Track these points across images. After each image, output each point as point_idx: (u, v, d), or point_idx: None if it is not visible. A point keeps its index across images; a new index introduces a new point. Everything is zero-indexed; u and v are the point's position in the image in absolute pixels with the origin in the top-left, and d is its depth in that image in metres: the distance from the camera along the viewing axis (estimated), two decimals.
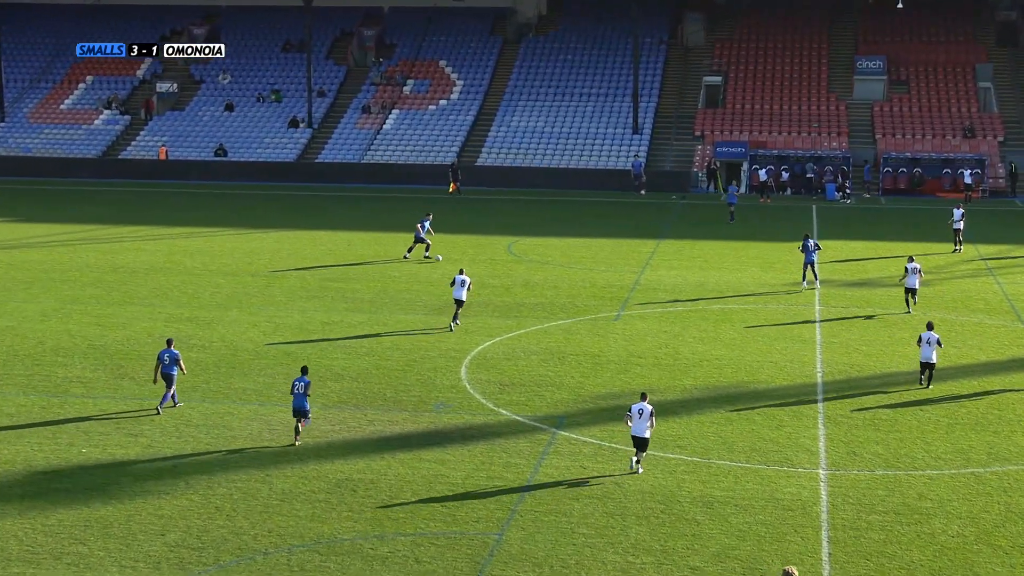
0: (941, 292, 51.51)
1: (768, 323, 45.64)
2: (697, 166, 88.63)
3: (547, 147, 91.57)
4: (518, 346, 41.98)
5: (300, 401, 31.84)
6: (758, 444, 32.11)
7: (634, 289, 51.80)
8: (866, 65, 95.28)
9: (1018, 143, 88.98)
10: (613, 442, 32.10)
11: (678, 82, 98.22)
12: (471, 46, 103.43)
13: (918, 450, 31.75)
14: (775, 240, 64.67)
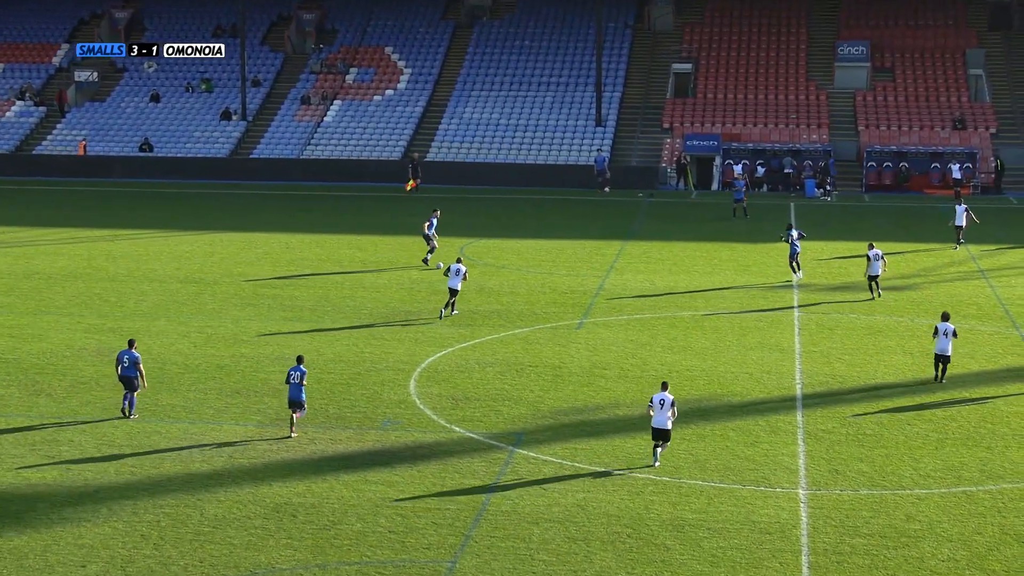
0: (930, 296, 51.90)
1: (743, 331, 45.84)
2: (665, 161, 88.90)
3: (503, 141, 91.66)
4: (472, 357, 42.01)
5: (296, 392, 33.59)
6: (733, 462, 32.25)
7: (598, 295, 51.93)
8: (848, 51, 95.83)
9: (1012, 135, 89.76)
10: (575, 461, 32.17)
11: (645, 70, 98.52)
12: (420, 31, 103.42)
13: (905, 467, 31.97)
14: (750, 241, 64.98)
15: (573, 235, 66.45)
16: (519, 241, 64.46)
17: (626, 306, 49.90)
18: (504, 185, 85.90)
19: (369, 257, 59.94)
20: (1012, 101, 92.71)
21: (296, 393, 33.65)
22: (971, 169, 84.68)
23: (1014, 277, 55.99)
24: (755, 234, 67.13)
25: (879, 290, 51.18)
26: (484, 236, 66.32)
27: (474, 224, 70.79)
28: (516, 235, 66.35)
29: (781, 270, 56.95)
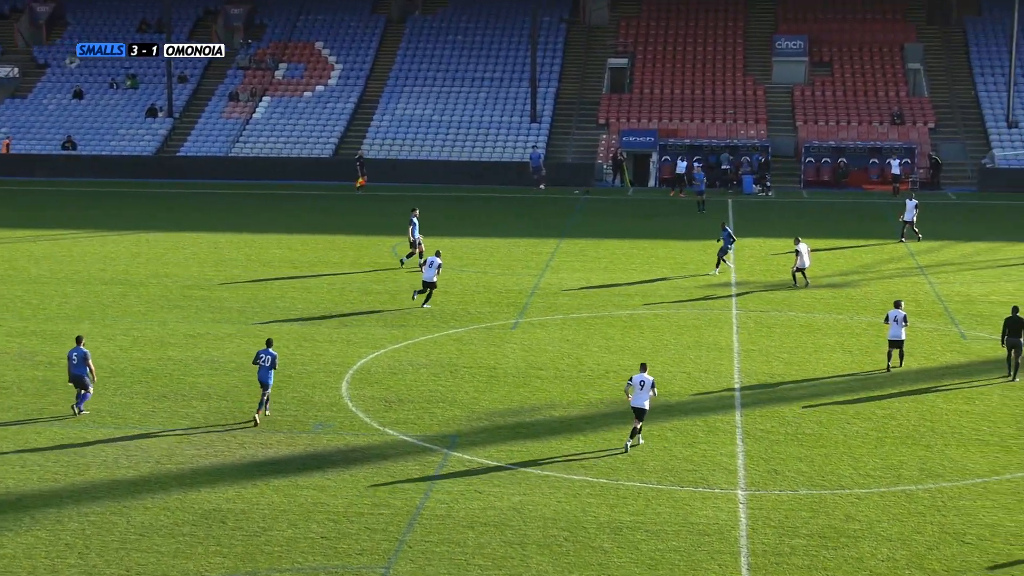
0: (869, 293, 52.31)
1: (681, 330, 46.03)
2: (602, 157, 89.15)
3: (436, 137, 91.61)
4: (405, 358, 41.95)
5: (264, 374, 35.00)
6: (671, 463, 32.38)
7: (533, 294, 51.98)
8: (786, 45, 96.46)
9: (950, 130, 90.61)
10: (511, 463, 32.19)
11: (580, 65, 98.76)
12: (351, 26, 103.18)
13: (845, 467, 32.21)
14: (688, 238, 65.26)
15: (508, 233, 66.49)
16: (453, 240, 64.39)
17: (562, 305, 49.99)
18: (438, 182, 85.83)
19: (299, 257, 59.74)
20: (950, 96, 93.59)
21: (265, 376, 35.01)
22: (910, 164, 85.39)
23: (952, 273, 56.52)
24: (692, 231, 67.41)
25: (807, 280, 53.09)
26: None
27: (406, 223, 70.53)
28: (449, 234, 66.27)
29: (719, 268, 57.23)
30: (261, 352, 35.46)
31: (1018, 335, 39.81)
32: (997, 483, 31.11)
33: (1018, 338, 39.82)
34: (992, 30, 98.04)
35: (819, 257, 59.36)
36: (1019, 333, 39.79)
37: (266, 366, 35.17)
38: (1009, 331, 39.90)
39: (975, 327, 46.60)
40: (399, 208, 75.99)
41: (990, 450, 33.46)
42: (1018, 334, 39.81)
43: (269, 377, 35.19)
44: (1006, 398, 37.91)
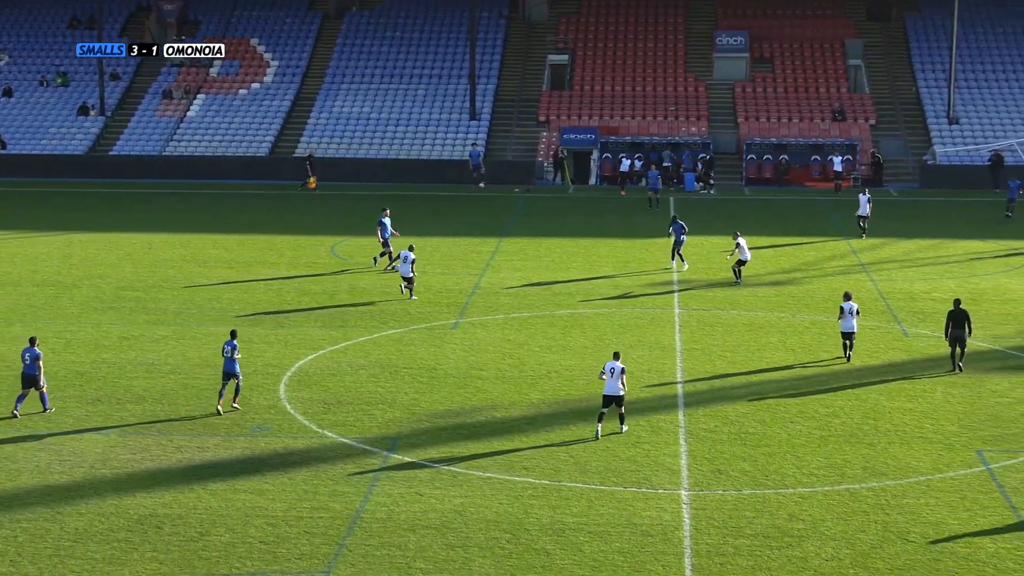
0: (811, 291, 52.63)
1: (623, 329, 46.15)
2: (542, 155, 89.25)
3: (374, 135, 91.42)
4: (344, 360, 41.86)
5: (230, 365, 36.11)
6: (613, 464, 32.46)
7: (473, 293, 51.99)
8: (726, 41, 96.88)
9: (891, 126, 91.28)
10: (452, 465, 32.19)
11: (520, 62, 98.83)
12: (286, 22, 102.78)
13: (788, 466, 32.40)
14: (629, 236, 65.44)
15: (448, 232, 66.46)
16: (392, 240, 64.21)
17: (503, 305, 50.02)
18: (376, 181, 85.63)
19: (236, 258, 59.49)
20: (891, 92, 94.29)
21: (230, 366, 36.16)
22: (852, 161, 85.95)
23: (895, 271, 56.94)
24: (634, 229, 67.62)
25: (740, 275, 54.29)
26: (355, 234, 66.07)
27: (345, 222, 70.50)
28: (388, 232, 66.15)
29: (661, 266, 57.47)
30: (225, 344, 36.50)
31: (961, 328, 40.51)
32: (940, 481, 31.38)
33: (961, 331, 40.54)
34: (932, 26, 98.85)
35: (761, 255, 59.67)
36: (962, 326, 40.49)
37: (229, 356, 36.22)
38: (952, 324, 40.62)
39: (917, 324, 46.98)
40: (337, 207, 75.81)
41: (933, 448, 33.75)
42: (961, 327, 40.50)
43: (235, 366, 36.29)
44: (949, 396, 38.25)
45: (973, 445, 33.99)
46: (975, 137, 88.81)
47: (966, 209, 76.15)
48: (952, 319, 40.65)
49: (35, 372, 35.93)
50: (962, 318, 40.51)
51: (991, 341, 44.45)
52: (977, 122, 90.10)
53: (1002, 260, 59.67)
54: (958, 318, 40.56)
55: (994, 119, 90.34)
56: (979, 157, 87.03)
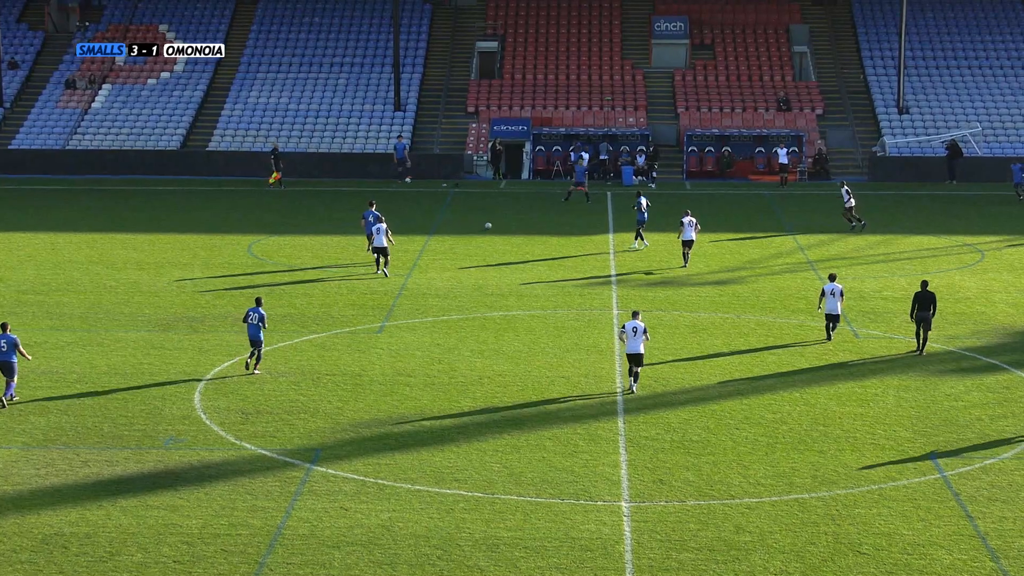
0: (756, 290, 52.93)
1: (559, 331, 46.24)
2: (471, 148, 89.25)
3: (292, 127, 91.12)
4: (263, 366, 41.70)
5: (254, 331, 40.17)
6: (550, 474, 32.51)
7: (400, 295, 51.94)
8: (665, 27, 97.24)
9: (838, 116, 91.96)
10: (379, 477, 32.13)
11: (447, 49, 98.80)
12: (197, 7, 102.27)
13: (734, 475, 32.56)
14: (564, 234, 65.57)
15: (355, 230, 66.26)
16: (313, 238, 64.15)
17: (431, 307, 50.00)
18: (295, 176, 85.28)
19: (146, 258, 59.14)
20: (838, 80, 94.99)
21: (255, 332, 40.24)
22: (797, 153, 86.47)
23: (843, 268, 57.31)
24: (569, 227, 67.76)
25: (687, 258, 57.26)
26: (273, 233, 65.85)
27: (262, 220, 70.25)
28: (309, 231, 66.00)
29: (598, 265, 57.63)
30: (250, 311, 40.41)
31: (927, 310, 42.87)
32: (893, 489, 31.64)
33: (927, 312, 42.89)
34: (880, 10, 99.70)
35: (703, 252, 59.96)
36: (928, 308, 42.85)
37: (254, 324, 40.22)
38: (918, 306, 43.02)
39: (868, 325, 47.34)
40: (253, 204, 75.49)
41: (885, 455, 34.02)
42: (927, 308, 42.85)
43: (259, 334, 40.33)
44: (901, 400, 38.58)
45: (927, 451, 34.28)
46: (926, 127, 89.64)
47: (918, 203, 76.83)
48: (918, 301, 43.06)
49: (12, 359, 37.24)
50: (928, 300, 42.86)
51: (945, 342, 44.86)
52: (928, 112, 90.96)
53: (956, 256, 60.23)
54: (924, 300, 42.94)
55: (945, 108, 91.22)
56: (930, 148, 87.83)
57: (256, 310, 40.48)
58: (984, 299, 51.50)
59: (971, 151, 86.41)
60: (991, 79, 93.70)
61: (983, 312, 49.35)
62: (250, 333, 40.45)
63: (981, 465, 33.25)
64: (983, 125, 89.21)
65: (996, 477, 32.39)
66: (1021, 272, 56.31)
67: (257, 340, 40.40)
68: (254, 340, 40.45)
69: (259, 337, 40.41)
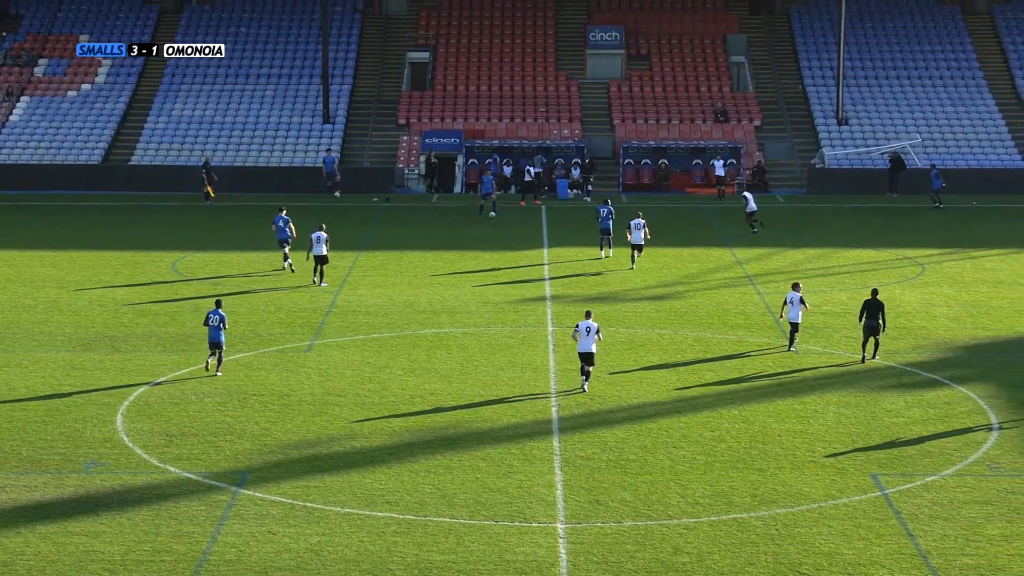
0: (694, 305, 53.12)
1: (492, 349, 46.25)
2: (402, 161, 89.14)
3: (218, 141, 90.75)
4: (188, 387, 41.51)
5: (215, 334, 41.99)
6: (484, 496, 32.50)
7: (329, 312, 51.82)
8: (600, 37, 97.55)
9: (776, 128, 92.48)
10: (308, 500, 32.03)
11: (377, 60, 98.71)
12: (119, 16, 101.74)
13: (672, 495, 32.65)
14: (498, 249, 65.58)
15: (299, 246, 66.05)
16: (239, 254, 63.89)
17: (361, 325, 49.91)
18: (221, 191, 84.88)
19: (66, 276, 58.75)
20: (776, 91, 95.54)
21: (216, 335, 42.02)
22: (735, 165, 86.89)
23: (782, 283, 57.57)
24: (502, 242, 67.80)
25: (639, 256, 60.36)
26: (199, 249, 65.56)
27: (187, 236, 69.92)
28: (235, 247, 65.74)
29: (532, 281, 57.70)
30: (210, 313, 42.23)
31: (875, 318, 43.87)
32: (834, 508, 31.82)
33: (876, 321, 43.87)
34: (819, 20, 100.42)
35: (640, 268, 60.15)
36: (877, 316, 43.84)
37: (215, 326, 42.06)
38: (867, 314, 44.05)
39: (807, 340, 47.59)
40: (177, 220, 75.09)
41: (825, 472, 34.22)
42: (876, 317, 43.85)
43: (220, 336, 42.15)
44: (841, 416, 38.81)
45: (867, 469, 34.51)
46: (865, 139, 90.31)
47: (857, 216, 77.34)
48: (867, 308, 44.23)
49: None
50: (877, 308, 43.91)
51: (886, 357, 45.18)
52: (868, 123, 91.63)
53: (896, 270, 60.68)
54: (873, 308, 44.03)
55: (885, 119, 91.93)
56: (870, 160, 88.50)
57: (216, 312, 42.26)
58: (925, 313, 51.92)
59: (911, 163, 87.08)
60: (931, 89, 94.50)
61: (924, 327, 49.75)
62: (211, 336, 42.19)
63: (922, 482, 33.51)
64: (923, 136, 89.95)
65: (937, 494, 32.64)
66: (962, 286, 56.79)
67: (218, 342, 42.18)
68: (215, 342, 42.19)
69: (220, 339, 42.18)
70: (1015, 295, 55.14)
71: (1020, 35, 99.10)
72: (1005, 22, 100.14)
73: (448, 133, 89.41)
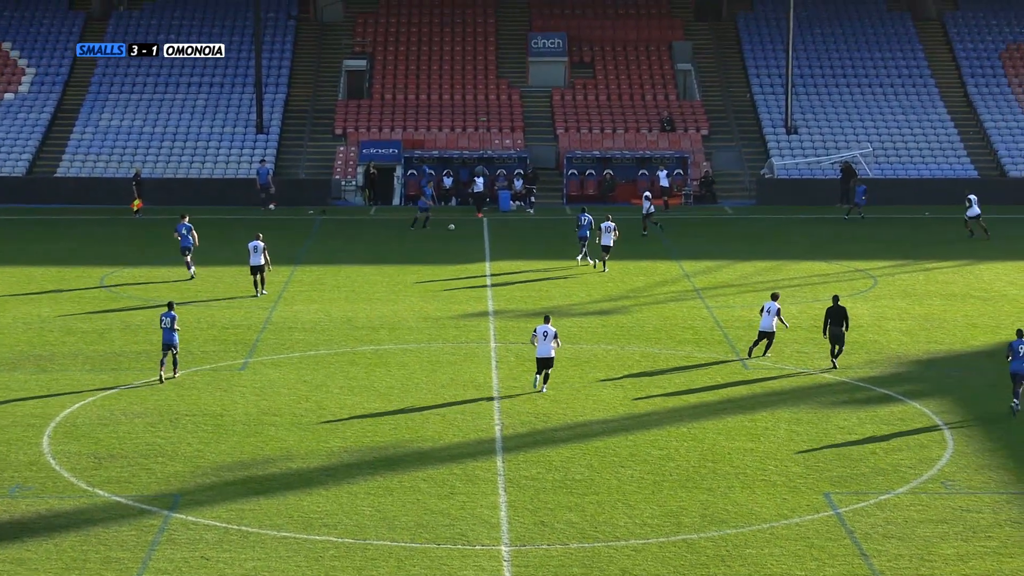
0: (641, 320, 53.21)
1: (433, 366, 46.20)
2: (339, 172, 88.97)
3: (148, 152, 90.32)
4: (117, 407, 41.28)
5: (168, 336, 43.52)
6: (425, 518, 32.44)
7: (264, 329, 51.66)
8: (542, 44, 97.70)
9: (724, 136, 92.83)
10: (243, 524, 31.88)
11: (312, 68, 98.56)
12: (44, 23, 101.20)
13: (620, 516, 32.66)
14: (439, 263, 65.55)
15: (233, 260, 65.77)
16: (170, 269, 63.60)
17: (297, 342, 49.77)
18: (150, 203, 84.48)
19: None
20: (724, 99, 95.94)
21: (169, 337, 43.52)
22: (682, 175, 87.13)
23: (732, 296, 57.82)
24: (443, 255, 67.77)
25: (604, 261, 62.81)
26: (129, 264, 65.25)
27: (116, 250, 69.58)
28: (165, 262, 65.44)
29: (474, 295, 57.69)
30: (163, 315, 43.86)
31: (839, 325, 45.28)
32: (785, 528, 31.91)
33: (839, 328, 45.27)
34: (766, 26, 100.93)
35: (585, 281, 60.27)
36: (840, 323, 45.24)
37: (168, 327, 43.52)
38: (831, 321, 45.43)
39: (758, 355, 47.72)
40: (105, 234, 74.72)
41: (777, 492, 34.32)
42: (839, 324, 45.26)
43: (174, 337, 43.63)
44: (793, 433, 38.94)
45: (820, 487, 34.63)
46: (815, 148, 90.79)
47: (808, 227, 77.73)
48: (830, 316, 45.71)
49: None
50: (840, 315, 45.26)
51: (838, 372, 45.40)
52: (817, 131, 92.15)
53: (848, 283, 60.98)
54: (836, 315, 45.39)
55: (835, 128, 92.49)
56: (820, 170, 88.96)
57: (168, 314, 43.75)
58: (877, 327, 52.18)
59: (863, 172, 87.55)
60: (882, 98, 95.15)
61: (876, 340, 50.00)
62: (164, 338, 43.68)
63: (876, 501, 33.66)
64: (874, 145, 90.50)
65: (891, 513, 32.79)
66: (915, 299, 57.13)
67: (171, 343, 43.64)
68: (168, 344, 43.65)
69: (173, 340, 43.64)
70: (969, 308, 55.51)
71: (971, 41, 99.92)
72: (956, 28, 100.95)
73: (386, 143, 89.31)
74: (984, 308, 55.66)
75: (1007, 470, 35.97)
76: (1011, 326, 51.58)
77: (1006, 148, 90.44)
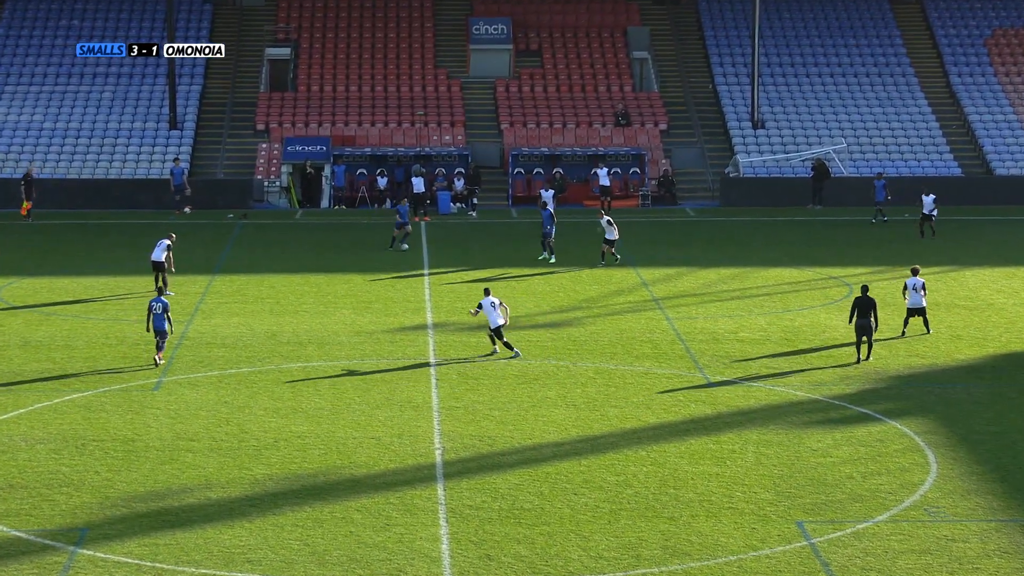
0: (595, 333, 53.31)
1: (367, 385, 46.20)
2: (261, 172, 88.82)
3: (48, 150, 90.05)
4: (17, 432, 41.11)
5: (159, 321, 47.26)
6: (359, 552, 32.43)
7: (180, 345, 51.55)
8: (485, 31, 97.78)
9: (685, 132, 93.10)
10: (157, 560, 31.81)
11: (231, 57, 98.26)
12: None
13: (573, 548, 32.72)
14: (372, 272, 65.52)
15: (143, 270, 65.56)
16: (74, 279, 63.40)
17: (217, 359, 49.69)
18: (51, 208, 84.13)
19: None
20: (684, 91, 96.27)
21: (160, 322, 47.23)
22: (639, 174, 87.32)
23: (694, 307, 58.00)
24: (378, 264, 67.72)
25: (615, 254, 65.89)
26: (27, 275, 64.98)
27: (12, 260, 69.26)
28: (69, 272, 65.23)
29: (412, 307, 57.71)
30: (152, 301, 47.67)
31: (867, 316, 47.37)
32: (754, 560, 32.02)
33: (867, 320, 47.35)
34: (730, 11, 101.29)
35: (532, 290, 60.38)
36: (868, 314, 47.34)
37: (159, 314, 47.16)
38: (858, 312, 47.48)
39: (723, 371, 47.92)
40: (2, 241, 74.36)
41: (745, 520, 34.43)
42: (867, 315, 47.34)
43: (163, 323, 47.27)
44: (762, 457, 39.08)
45: (792, 516, 34.76)
46: (784, 144, 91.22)
47: (776, 230, 78.05)
48: (858, 306, 47.84)
49: None
50: (868, 306, 47.40)
51: (810, 389, 45.59)
52: (787, 126, 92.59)
53: (820, 291, 61.25)
54: (864, 306, 47.58)
55: (806, 122, 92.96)
56: (789, 168, 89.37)
57: (159, 300, 47.59)
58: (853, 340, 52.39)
59: (836, 170, 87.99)
60: (857, 88, 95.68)
61: (853, 355, 50.19)
62: (155, 324, 47.37)
63: (853, 530, 33.80)
64: (848, 141, 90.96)
65: (870, 543, 32.94)
66: (893, 308, 57.36)
67: (162, 330, 47.37)
68: (159, 330, 47.35)
69: (163, 327, 47.34)
70: (952, 319, 55.79)
71: (954, 27, 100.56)
72: (937, 12, 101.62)
73: (314, 140, 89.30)
74: (969, 318, 55.99)
75: (995, 495, 36.17)
76: (998, 338, 52.03)
77: (992, 144, 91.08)
